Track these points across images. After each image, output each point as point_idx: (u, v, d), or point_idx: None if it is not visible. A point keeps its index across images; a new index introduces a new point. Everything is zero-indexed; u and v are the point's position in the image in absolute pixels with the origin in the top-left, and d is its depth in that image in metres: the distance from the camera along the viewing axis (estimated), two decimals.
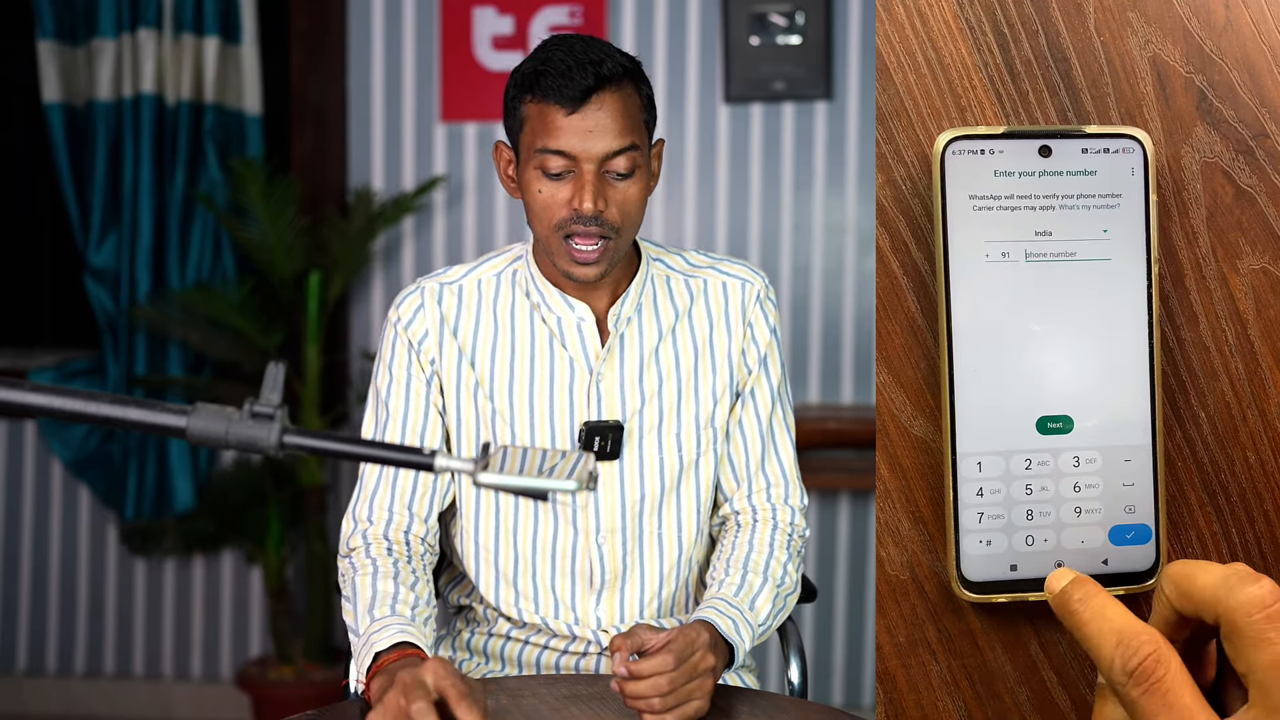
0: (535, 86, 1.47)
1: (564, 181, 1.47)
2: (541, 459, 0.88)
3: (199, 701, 3.46)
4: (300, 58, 3.39)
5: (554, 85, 1.45)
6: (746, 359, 1.61)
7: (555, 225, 1.48)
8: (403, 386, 1.57)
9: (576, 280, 1.51)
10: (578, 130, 1.45)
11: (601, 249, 1.48)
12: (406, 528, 1.56)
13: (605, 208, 1.46)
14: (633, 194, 1.49)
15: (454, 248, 3.38)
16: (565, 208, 1.47)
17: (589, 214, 1.45)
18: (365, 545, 1.54)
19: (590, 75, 1.44)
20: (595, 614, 1.59)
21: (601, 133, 1.45)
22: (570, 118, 1.45)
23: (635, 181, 1.49)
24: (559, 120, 1.45)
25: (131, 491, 3.30)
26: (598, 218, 1.46)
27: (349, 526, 1.58)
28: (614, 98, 1.46)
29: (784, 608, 1.57)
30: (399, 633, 1.38)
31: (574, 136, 1.45)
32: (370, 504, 1.56)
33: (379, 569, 1.49)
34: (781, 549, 1.58)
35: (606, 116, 1.45)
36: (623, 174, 1.48)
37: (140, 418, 0.78)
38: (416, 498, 1.57)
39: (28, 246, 3.75)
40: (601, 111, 1.45)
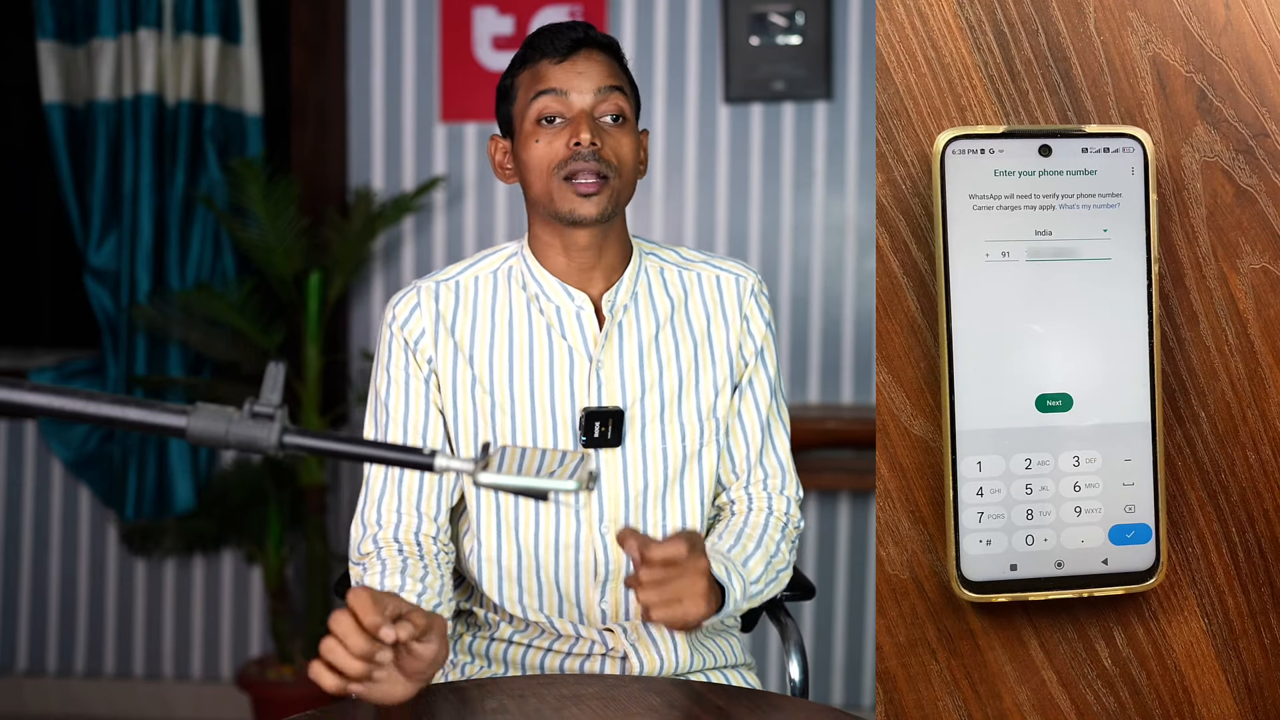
0: (526, 55, 1.58)
1: (559, 128, 1.54)
2: (541, 459, 0.88)
3: (199, 701, 3.46)
4: (300, 58, 3.39)
5: (544, 43, 1.55)
6: (744, 351, 1.64)
7: (555, 167, 1.53)
8: (401, 387, 1.58)
9: (580, 220, 1.53)
10: (569, 73, 1.54)
11: (599, 185, 1.53)
12: (417, 529, 1.56)
13: (601, 146, 1.53)
14: (625, 142, 1.55)
15: (454, 248, 3.39)
16: (564, 149, 1.53)
17: (586, 145, 1.51)
18: (376, 550, 1.54)
19: (580, 31, 1.55)
20: (600, 607, 1.59)
21: (591, 74, 1.54)
22: (561, 65, 1.54)
23: (626, 131, 1.56)
24: (550, 68, 1.55)
25: (131, 491, 3.30)
26: (595, 154, 1.52)
27: (358, 532, 1.58)
28: (601, 55, 1.57)
29: (775, 580, 1.60)
30: None
31: (566, 77, 1.54)
32: (378, 508, 1.57)
33: (387, 568, 1.50)
34: (775, 529, 1.62)
35: (594, 65, 1.55)
36: (615, 118, 1.55)
37: (140, 418, 0.78)
38: (424, 498, 1.57)
39: (28, 246, 3.75)
40: (590, 61, 1.55)
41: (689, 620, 1.37)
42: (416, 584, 1.48)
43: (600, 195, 1.52)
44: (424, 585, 1.48)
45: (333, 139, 3.39)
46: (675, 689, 1.40)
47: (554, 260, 1.58)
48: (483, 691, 1.40)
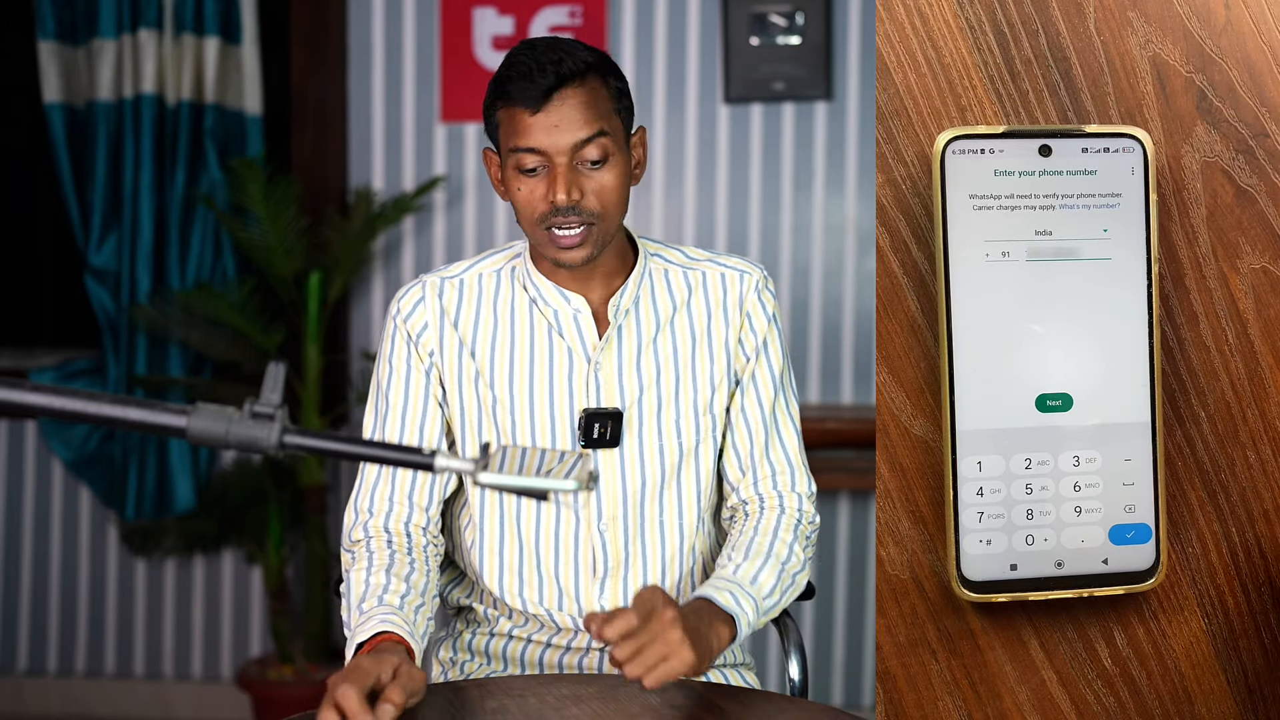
0: (503, 92, 1.54)
1: (540, 178, 1.52)
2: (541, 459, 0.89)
3: (199, 701, 3.46)
4: (300, 58, 3.39)
5: (518, 89, 1.52)
6: (744, 346, 1.63)
7: (537, 220, 1.53)
8: (402, 379, 1.59)
9: (565, 266, 1.55)
10: (544, 126, 1.51)
11: (583, 234, 1.52)
12: (407, 519, 1.57)
13: (582, 197, 1.51)
14: (608, 181, 1.53)
15: (454, 248, 3.39)
16: (543, 202, 1.52)
17: (564, 205, 1.50)
18: (366, 538, 1.56)
19: (550, 75, 1.50)
20: (599, 603, 1.60)
21: (567, 125, 1.51)
22: (536, 116, 1.51)
23: (610, 168, 1.54)
24: (526, 120, 1.51)
25: (132, 491, 3.30)
26: (574, 207, 1.51)
27: (350, 519, 1.60)
28: (577, 93, 1.52)
29: (792, 584, 1.58)
30: (380, 622, 1.40)
31: (541, 133, 1.51)
32: (371, 495, 1.59)
33: (373, 562, 1.51)
34: (787, 530, 1.60)
35: (570, 110, 1.51)
36: (596, 162, 1.52)
37: (140, 418, 0.78)
38: (417, 488, 1.59)
39: (28, 246, 3.75)
40: (565, 107, 1.51)
41: (685, 670, 1.35)
42: (401, 584, 1.48)
43: (584, 245, 1.52)
44: (408, 585, 1.49)
45: (333, 139, 3.39)
46: (675, 689, 1.40)
47: (550, 268, 1.60)
48: (482, 691, 1.40)
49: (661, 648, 1.34)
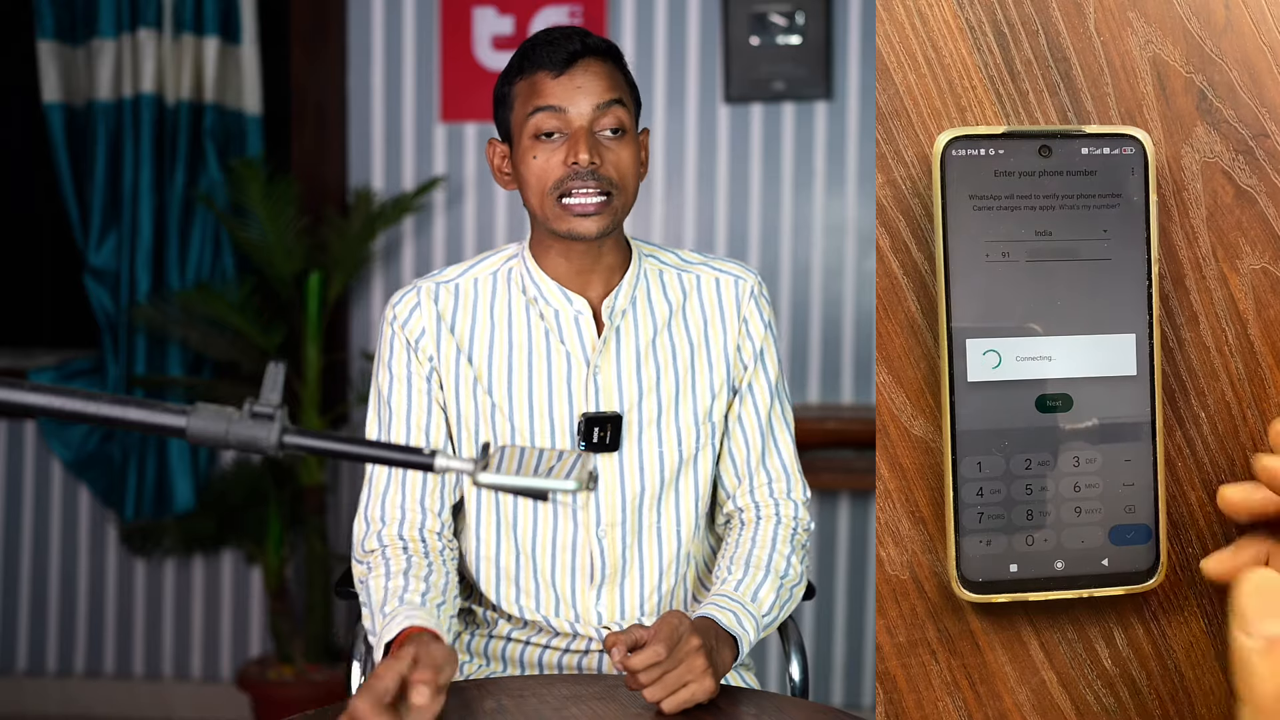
0: (523, 65, 1.54)
1: (558, 144, 1.52)
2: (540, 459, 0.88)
3: (199, 701, 3.46)
4: (300, 58, 3.39)
5: (541, 54, 1.52)
6: (742, 354, 1.63)
7: (552, 186, 1.51)
8: (404, 384, 1.58)
9: (579, 237, 1.52)
10: (567, 88, 1.51)
11: (601, 204, 1.51)
12: (421, 525, 1.56)
13: (601, 164, 1.50)
14: (625, 155, 1.53)
15: (454, 248, 3.39)
16: (561, 167, 1.51)
17: (585, 165, 1.49)
18: (381, 547, 1.54)
19: (576, 42, 1.52)
20: (596, 609, 1.59)
21: (590, 88, 1.52)
22: (559, 79, 1.51)
23: (627, 144, 1.54)
24: (548, 83, 1.52)
25: (131, 491, 3.30)
26: (594, 172, 1.50)
27: (361, 529, 1.58)
28: (599, 64, 1.53)
29: (790, 599, 1.58)
30: (405, 620, 1.39)
31: (564, 93, 1.51)
32: (382, 504, 1.57)
33: (391, 568, 1.50)
34: (784, 543, 1.59)
35: (593, 77, 1.52)
36: (615, 131, 1.52)
37: (140, 418, 0.78)
38: (428, 493, 1.57)
39: (28, 246, 3.75)
40: (588, 73, 1.52)
41: (704, 699, 1.35)
42: (420, 583, 1.47)
43: (601, 215, 1.51)
44: (428, 584, 1.48)
45: (332, 139, 3.39)
46: None
47: (554, 263, 1.58)
48: (482, 691, 1.40)
49: (685, 674, 1.33)
